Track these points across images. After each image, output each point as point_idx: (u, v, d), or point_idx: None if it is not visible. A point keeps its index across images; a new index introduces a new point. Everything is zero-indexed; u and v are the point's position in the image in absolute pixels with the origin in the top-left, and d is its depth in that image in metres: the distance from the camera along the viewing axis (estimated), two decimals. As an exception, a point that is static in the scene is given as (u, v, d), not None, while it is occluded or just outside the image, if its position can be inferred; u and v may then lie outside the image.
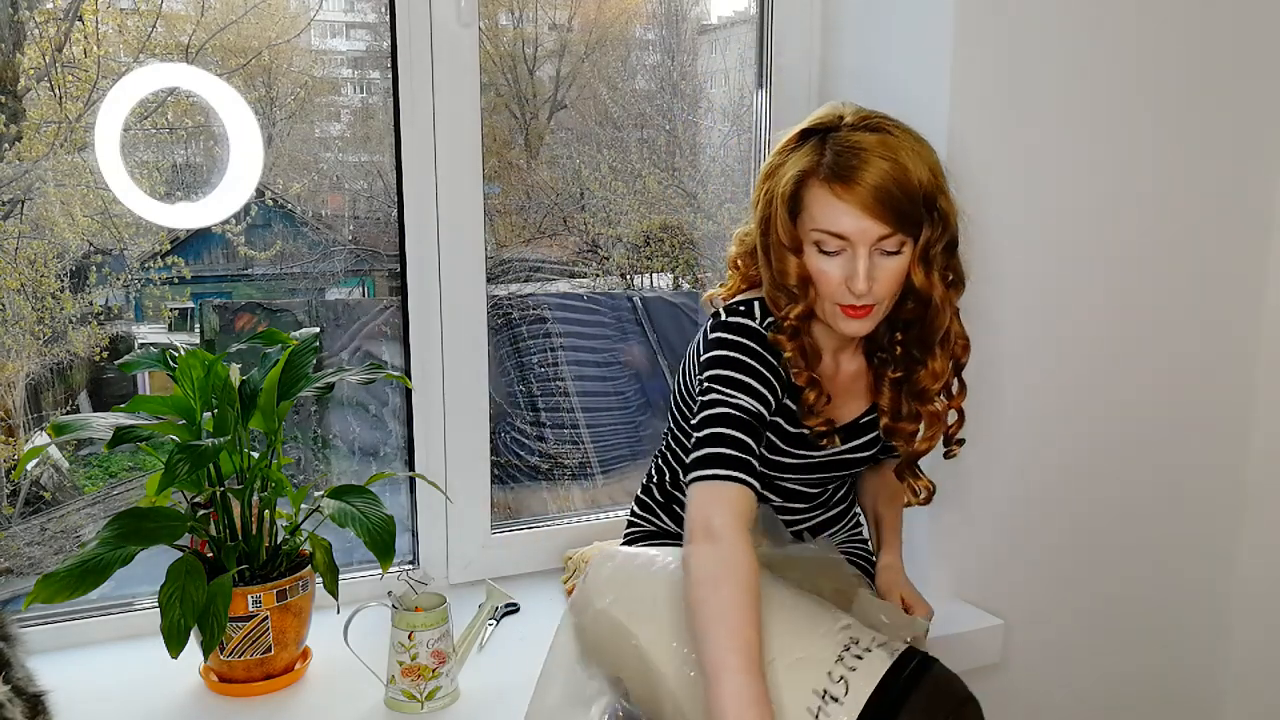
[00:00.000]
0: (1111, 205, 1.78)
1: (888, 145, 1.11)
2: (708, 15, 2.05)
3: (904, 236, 1.13)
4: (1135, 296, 1.83)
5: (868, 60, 1.78)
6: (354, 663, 1.35)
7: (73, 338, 1.62)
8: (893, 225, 1.11)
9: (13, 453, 1.62)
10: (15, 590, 1.59)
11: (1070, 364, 1.79)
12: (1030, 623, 1.80)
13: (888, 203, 1.10)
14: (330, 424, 1.81)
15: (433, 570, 1.73)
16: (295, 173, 1.74)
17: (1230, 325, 1.93)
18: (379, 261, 1.81)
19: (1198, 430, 1.94)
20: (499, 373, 1.92)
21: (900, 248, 1.14)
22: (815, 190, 1.13)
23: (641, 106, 2.01)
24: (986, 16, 1.60)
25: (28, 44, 1.54)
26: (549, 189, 1.97)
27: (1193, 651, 2.03)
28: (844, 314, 1.17)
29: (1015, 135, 1.67)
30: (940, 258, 1.17)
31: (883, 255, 1.14)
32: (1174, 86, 1.79)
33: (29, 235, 1.56)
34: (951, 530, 1.73)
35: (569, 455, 2.02)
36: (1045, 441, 1.79)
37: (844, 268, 1.14)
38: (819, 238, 1.14)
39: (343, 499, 1.34)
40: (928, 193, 1.13)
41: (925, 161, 1.13)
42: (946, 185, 1.16)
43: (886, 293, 1.16)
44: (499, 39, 1.89)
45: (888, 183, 1.09)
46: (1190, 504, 1.96)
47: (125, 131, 1.50)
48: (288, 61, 1.72)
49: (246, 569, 1.35)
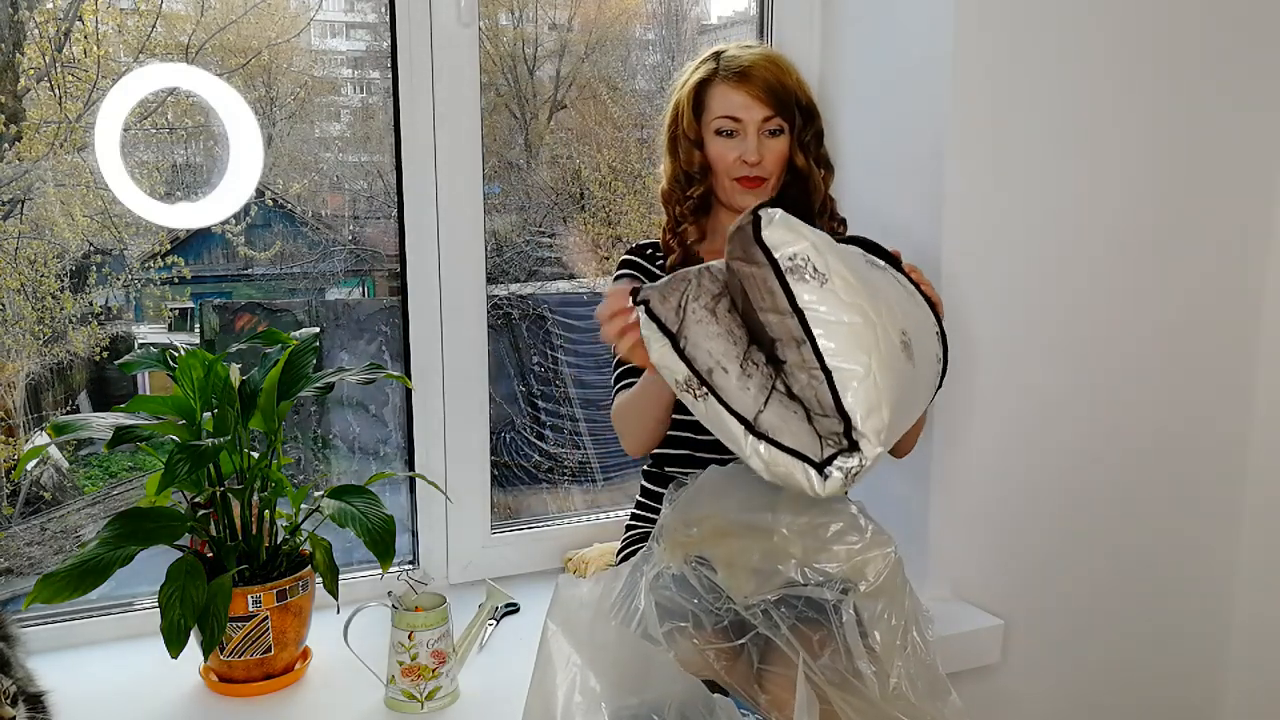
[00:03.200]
0: (1113, 203, 1.78)
1: (766, 56, 1.45)
2: (708, 15, 2.05)
3: (782, 120, 1.43)
4: (1135, 296, 1.83)
5: (868, 60, 1.78)
6: (354, 663, 1.35)
7: (73, 338, 1.62)
8: (774, 109, 1.42)
9: (13, 453, 1.62)
10: (15, 590, 1.59)
11: (1071, 364, 1.79)
12: (1030, 623, 1.80)
13: (769, 90, 1.42)
14: (330, 424, 1.81)
15: (433, 570, 1.73)
16: (295, 173, 1.74)
17: (1230, 324, 1.93)
18: (379, 261, 1.81)
19: (1198, 431, 1.94)
20: (499, 373, 1.92)
21: (781, 130, 1.44)
22: (714, 89, 1.44)
23: (641, 106, 2.01)
24: (986, 16, 1.60)
25: (28, 44, 1.54)
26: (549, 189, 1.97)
27: (1192, 651, 2.03)
28: (740, 186, 1.45)
29: (1015, 135, 1.67)
30: (813, 144, 1.47)
31: (768, 136, 1.44)
32: (1175, 85, 1.79)
33: (29, 235, 1.56)
34: (951, 530, 1.73)
35: (569, 456, 2.02)
36: (1045, 442, 1.79)
37: (738, 147, 1.43)
38: (719, 124, 1.43)
39: (343, 499, 1.34)
40: (797, 92, 1.45)
41: (794, 72, 1.46)
42: (812, 93, 1.49)
43: (774, 168, 1.45)
44: (499, 39, 1.89)
45: (769, 77, 1.42)
46: (1190, 504, 1.95)
47: (125, 131, 1.50)
48: (288, 61, 1.72)
49: (246, 569, 1.35)
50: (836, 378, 0.99)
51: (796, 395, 1.02)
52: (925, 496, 1.71)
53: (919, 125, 1.68)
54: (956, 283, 1.67)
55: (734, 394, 1.03)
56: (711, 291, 1.05)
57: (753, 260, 1.00)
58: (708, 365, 1.02)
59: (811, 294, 0.99)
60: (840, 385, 1.00)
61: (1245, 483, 1.99)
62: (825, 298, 0.99)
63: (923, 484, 1.71)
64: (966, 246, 1.66)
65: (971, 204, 1.65)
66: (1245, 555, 2.01)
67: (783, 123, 1.44)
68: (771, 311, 1.00)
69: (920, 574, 1.74)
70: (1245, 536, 2.00)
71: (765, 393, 1.02)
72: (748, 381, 1.02)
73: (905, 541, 1.74)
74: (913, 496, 1.73)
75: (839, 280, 0.99)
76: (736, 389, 1.02)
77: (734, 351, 1.03)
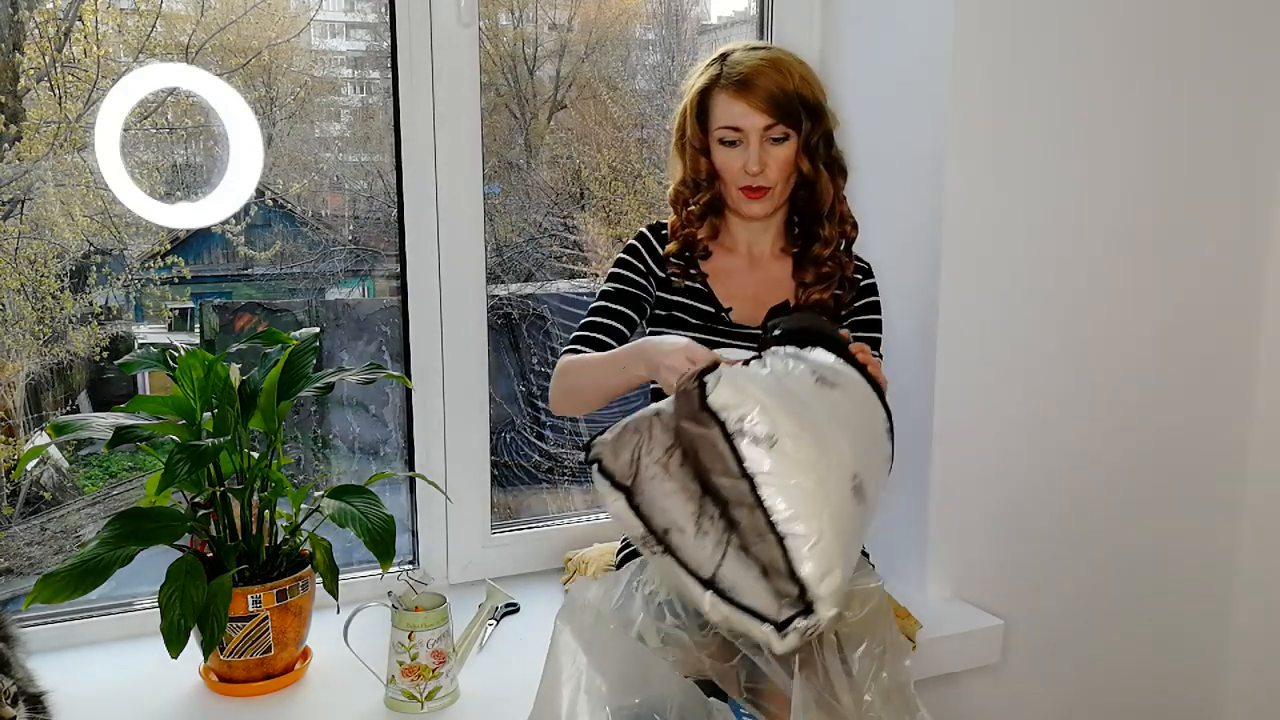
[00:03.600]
0: (1113, 203, 1.78)
1: (770, 60, 1.41)
2: (708, 15, 2.05)
3: (786, 127, 1.40)
4: (1135, 296, 1.83)
5: (868, 60, 1.78)
6: (354, 663, 1.35)
7: (73, 338, 1.62)
8: (775, 117, 1.39)
9: (13, 453, 1.62)
10: (15, 590, 1.59)
11: (1071, 364, 1.79)
12: (1030, 623, 1.80)
13: (770, 99, 1.38)
14: (330, 424, 1.81)
15: (433, 570, 1.73)
16: (295, 173, 1.74)
17: (1230, 324, 1.93)
18: (379, 261, 1.81)
19: (1198, 431, 1.94)
20: (499, 373, 1.92)
21: (785, 136, 1.41)
22: (717, 97, 1.42)
23: (641, 106, 2.01)
24: (987, 16, 1.60)
25: (28, 44, 1.54)
26: (549, 189, 1.97)
27: (1192, 651, 2.03)
28: (745, 196, 1.44)
29: (1015, 135, 1.67)
30: (821, 147, 1.43)
31: (772, 143, 1.41)
32: (1175, 85, 1.79)
33: (29, 235, 1.56)
34: (951, 530, 1.73)
35: (569, 456, 2.02)
36: (1045, 442, 1.79)
37: (741, 156, 1.41)
38: (721, 133, 1.42)
39: (343, 499, 1.34)
40: (802, 95, 1.40)
41: (799, 73, 1.41)
42: (821, 93, 1.43)
43: (778, 176, 1.42)
44: (499, 39, 1.89)
45: (770, 85, 1.38)
46: (1190, 504, 1.95)
47: (125, 131, 1.50)
48: (288, 61, 1.72)
49: (246, 569, 1.35)
50: (789, 544, 0.99)
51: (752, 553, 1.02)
52: (925, 496, 1.71)
53: (919, 125, 1.68)
54: (956, 282, 1.67)
55: (690, 553, 1.02)
56: (664, 444, 1.04)
57: (700, 423, 1.00)
58: (664, 525, 1.02)
59: (760, 458, 0.99)
60: (793, 552, 0.99)
61: (1245, 483, 1.99)
62: (775, 460, 0.99)
63: (923, 484, 1.71)
64: (966, 246, 1.66)
65: (971, 204, 1.65)
66: (1245, 555, 2.01)
67: (787, 129, 1.40)
68: (723, 475, 1.00)
69: (920, 574, 1.74)
70: (1245, 536, 2.00)
71: (721, 548, 1.02)
72: (704, 539, 1.01)
73: (905, 541, 1.75)
74: (913, 496, 1.73)
75: (789, 441, 0.99)
76: (693, 548, 1.02)
77: (689, 509, 1.02)
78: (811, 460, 1.00)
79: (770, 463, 0.98)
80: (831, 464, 1.02)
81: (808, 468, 0.99)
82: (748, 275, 1.50)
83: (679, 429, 1.04)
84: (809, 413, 1.04)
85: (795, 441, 0.99)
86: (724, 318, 1.48)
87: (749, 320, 1.47)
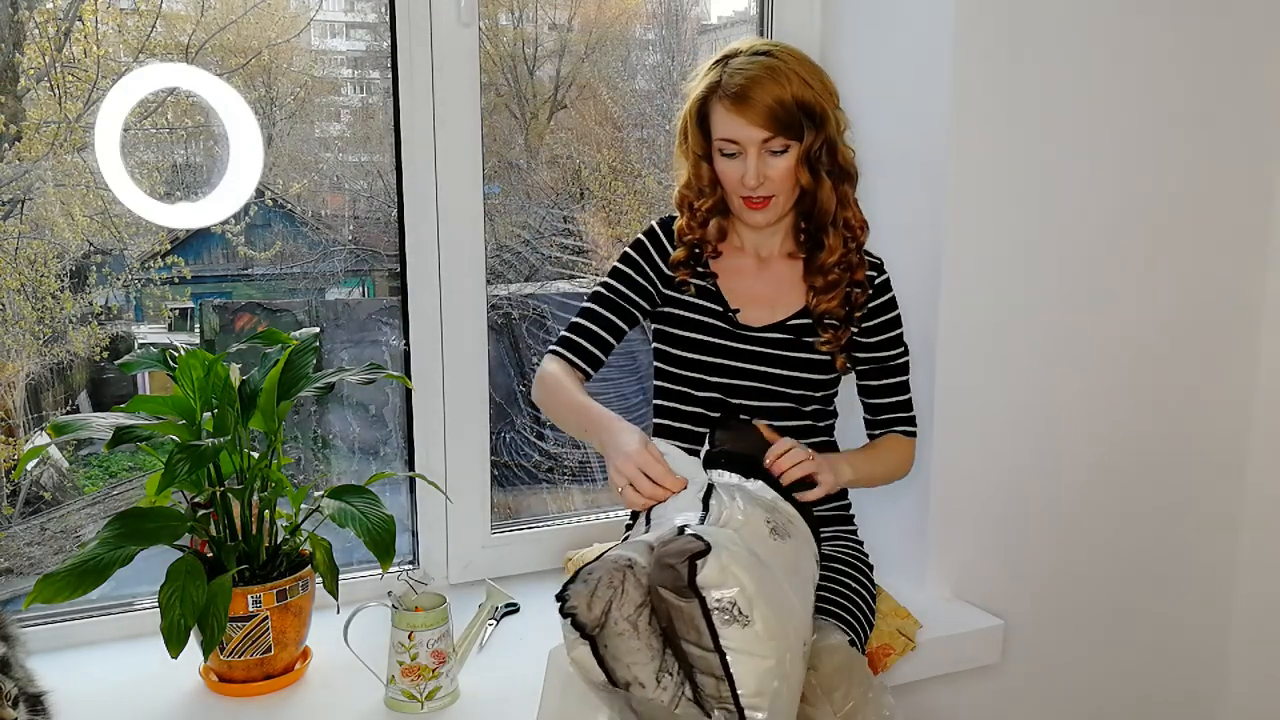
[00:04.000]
0: (1113, 204, 1.78)
1: (768, 68, 1.36)
2: (708, 15, 2.05)
3: (786, 140, 1.37)
4: (1136, 297, 1.83)
5: (868, 60, 1.78)
6: (354, 663, 1.35)
7: (73, 338, 1.62)
8: (773, 130, 1.36)
9: (13, 453, 1.62)
10: (15, 590, 1.59)
11: (1071, 364, 1.79)
12: (1030, 623, 1.80)
13: (766, 113, 1.35)
14: (330, 424, 1.81)
15: (433, 570, 1.73)
16: (295, 173, 1.74)
17: (1230, 324, 1.93)
18: (379, 261, 1.81)
19: (1197, 431, 1.94)
20: (499, 373, 1.92)
21: (785, 148, 1.38)
22: (715, 107, 1.38)
23: (641, 106, 2.01)
24: (987, 17, 1.60)
25: (28, 44, 1.54)
26: (549, 189, 1.96)
27: (1192, 651, 2.03)
28: (746, 206, 1.42)
29: (1015, 135, 1.67)
30: (823, 156, 1.40)
31: (771, 155, 1.38)
32: (1175, 85, 1.79)
33: (29, 235, 1.56)
34: (951, 530, 1.73)
35: (569, 456, 2.02)
36: (1045, 442, 1.80)
37: (740, 168, 1.39)
38: (720, 144, 1.40)
39: (343, 499, 1.34)
40: (804, 102, 1.36)
41: (803, 80, 1.36)
42: (825, 97, 1.38)
43: (779, 187, 1.40)
44: (499, 39, 1.88)
45: (766, 99, 1.34)
46: (1190, 504, 1.96)
47: (125, 131, 1.50)
48: (288, 61, 1.72)
49: (246, 569, 1.35)
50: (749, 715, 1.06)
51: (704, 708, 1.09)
52: (925, 496, 1.71)
53: (920, 125, 1.68)
54: (957, 282, 1.67)
55: (646, 707, 1.08)
56: (635, 601, 1.08)
57: (683, 596, 1.06)
58: (625, 679, 1.07)
59: (735, 636, 1.05)
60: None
61: (1245, 483, 1.99)
62: (747, 639, 1.06)
63: (923, 484, 1.71)
64: (966, 246, 1.66)
65: (971, 204, 1.65)
66: (1245, 555, 2.01)
67: (787, 141, 1.37)
68: (695, 645, 1.06)
69: (920, 574, 1.74)
70: (1245, 536, 2.00)
71: (676, 700, 1.08)
72: (661, 694, 1.07)
73: (905, 541, 1.75)
74: (913, 496, 1.73)
75: (761, 624, 1.06)
76: (650, 701, 1.08)
77: (651, 666, 1.07)
78: (776, 636, 1.08)
79: (742, 641, 1.05)
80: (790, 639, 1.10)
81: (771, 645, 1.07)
82: (757, 276, 1.50)
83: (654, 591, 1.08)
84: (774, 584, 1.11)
85: (766, 625, 1.06)
86: (732, 319, 1.47)
87: (755, 322, 1.47)
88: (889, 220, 1.69)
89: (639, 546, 1.13)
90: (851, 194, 1.45)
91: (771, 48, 1.39)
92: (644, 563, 1.10)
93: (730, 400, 1.47)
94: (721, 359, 1.47)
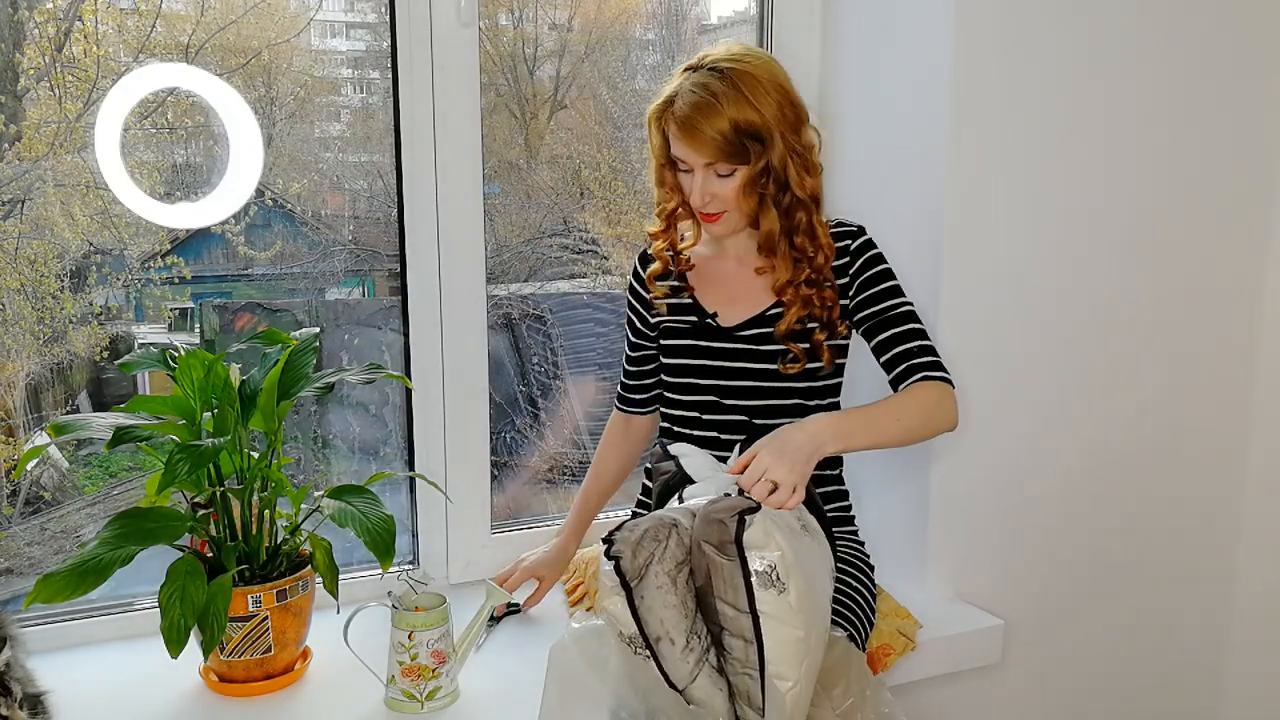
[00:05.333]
0: (1113, 205, 1.78)
1: (713, 95, 1.34)
2: (708, 15, 2.05)
3: (730, 164, 1.37)
4: (1136, 300, 1.83)
5: (868, 60, 1.78)
6: (354, 663, 1.35)
7: (73, 338, 1.62)
8: (713, 157, 1.36)
9: (13, 453, 1.62)
10: (15, 590, 1.59)
11: (1071, 365, 1.79)
12: (1030, 623, 1.80)
13: (710, 143, 1.35)
14: (330, 424, 1.81)
15: (433, 570, 1.73)
16: (295, 173, 1.74)
17: (1230, 324, 1.93)
18: (379, 261, 1.81)
19: (1198, 432, 1.94)
20: (499, 373, 1.92)
21: (731, 171, 1.38)
22: (669, 124, 1.39)
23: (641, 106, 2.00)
24: (987, 17, 1.61)
25: (28, 44, 1.54)
26: (549, 189, 1.96)
27: (1192, 652, 2.03)
28: (702, 218, 1.45)
29: (1015, 135, 1.67)
30: (769, 185, 1.38)
31: (718, 176, 1.38)
32: (1176, 83, 1.79)
33: (29, 235, 1.56)
34: (951, 530, 1.73)
35: (569, 455, 2.02)
36: (1046, 443, 1.80)
37: (691, 182, 1.40)
38: (675, 160, 1.42)
39: (343, 499, 1.34)
40: (747, 128, 1.34)
41: (751, 104, 1.34)
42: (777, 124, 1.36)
43: (729, 204, 1.40)
44: (499, 39, 1.88)
45: (707, 129, 1.34)
46: (1190, 505, 1.96)
47: (125, 131, 1.50)
48: (288, 61, 1.72)
49: (246, 569, 1.35)
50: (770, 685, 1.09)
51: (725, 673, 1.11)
52: (925, 496, 1.71)
53: (919, 126, 1.68)
54: (956, 283, 1.67)
55: (673, 664, 1.10)
56: (676, 559, 1.10)
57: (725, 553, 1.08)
58: (657, 634, 1.09)
59: (770, 601, 1.08)
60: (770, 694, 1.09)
61: (1245, 483, 1.99)
62: (780, 607, 1.08)
63: (923, 484, 1.71)
64: (966, 248, 1.66)
65: (971, 205, 1.65)
66: (1245, 555, 2.01)
67: (732, 165, 1.37)
68: (730, 605, 1.08)
69: (920, 574, 1.74)
70: (1245, 537, 2.01)
71: (700, 665, 1.10)
72: (688, 655, 1.09)
73: (905, 541, 1.75)
74: (913, 496, 1.73)
75: (795, 593, 1.08)
76: (678, 660, 1.09)
77: (683, 625, 1.09)
78: (806, 611, 1.10)
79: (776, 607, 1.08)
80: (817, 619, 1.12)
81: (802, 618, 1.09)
82: (732, 277, 1.51)
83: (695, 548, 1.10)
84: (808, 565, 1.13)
85: (800, 595, 1.09)
86: (710, 323, 1.49)
87: (731, 321, 1.48)
88: (888, 220, 1.69)
89: (683, 512, 1.15)
90: (807, 218, 1.41)
91: (731, 64, 1.36)
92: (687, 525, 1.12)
93: (724, 401, 1.48)
94: (706, 360, 1.48)
